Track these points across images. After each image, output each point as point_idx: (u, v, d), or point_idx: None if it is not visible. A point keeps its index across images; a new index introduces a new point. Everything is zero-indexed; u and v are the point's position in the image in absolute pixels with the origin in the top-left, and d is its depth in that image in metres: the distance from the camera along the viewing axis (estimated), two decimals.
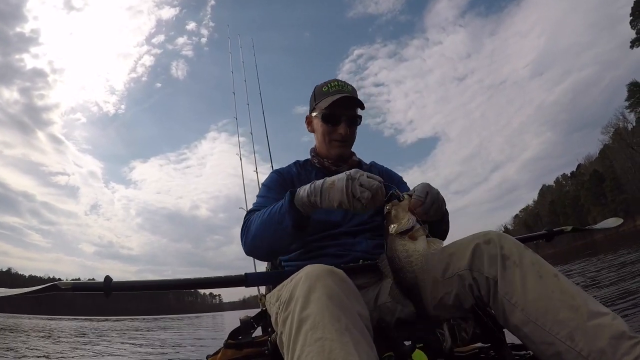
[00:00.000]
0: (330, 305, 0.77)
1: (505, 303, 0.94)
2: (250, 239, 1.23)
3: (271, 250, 1.25)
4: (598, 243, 30.01)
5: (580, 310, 0.84)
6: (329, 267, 0.88)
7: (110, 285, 1.10)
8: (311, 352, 0.71)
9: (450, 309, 1.07)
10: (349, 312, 0.79)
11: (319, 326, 0.74)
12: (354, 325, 0.77)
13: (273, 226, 1.13)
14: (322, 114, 1.42)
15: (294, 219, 1.08)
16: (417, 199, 1.02)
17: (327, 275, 0.84)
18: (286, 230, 1.10)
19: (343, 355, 0.69)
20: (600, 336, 0.80)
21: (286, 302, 0.85)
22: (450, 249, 1.10)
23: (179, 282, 1.25)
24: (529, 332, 0.90)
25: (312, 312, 0.77)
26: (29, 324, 20.86)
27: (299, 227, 1.10)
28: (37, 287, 1.03)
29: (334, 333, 0.72)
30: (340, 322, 0.74)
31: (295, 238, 1.16)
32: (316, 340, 0.72)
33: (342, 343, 0.70)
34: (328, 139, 1.44)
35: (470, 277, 1.02)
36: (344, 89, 1.42)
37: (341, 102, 1.38)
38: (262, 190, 1.45)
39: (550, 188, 75.38)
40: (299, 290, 0.82)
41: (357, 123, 1.46)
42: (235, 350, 1.33)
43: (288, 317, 0.82)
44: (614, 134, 51.47)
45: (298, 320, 0.77)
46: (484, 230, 1.07)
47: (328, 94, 1.42)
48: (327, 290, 0.80)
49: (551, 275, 0.92)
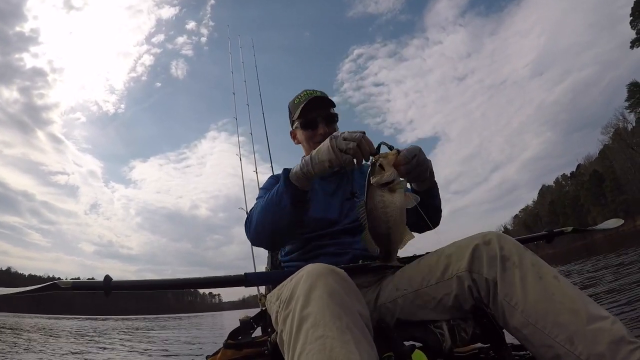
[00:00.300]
0: (331, 303, 0.77)
1: (504, 305, 0.94)
2: (253, 227, 1.26)
3: (274, 232, 1.23)
4: (597, 244, 29.97)
5: (580, 313, 0.84)
6: (330, 266, 0.89)
7: (110, 284, 1.10)
8: (312, 350, 0.71)
9: (450, 309, 1.07)
10: (349, 311, 0.79)
11: (320, 324, 0.74)
12: (355, 324, 0.77)
13: (273, 208, 1.17)
14: (300, 122, 1.49)
15: (292, 196, 1.12)
16: (404, 157, 1.06)
17: (328, 274, 0.84)
18: (285, 209, 1.14)
19: (344, 353, 0.69)
20: (599, 340, 0.80)
21: (287, 300, 0.85)
22: (449, 250, 1.10)
23: (178, 281, 1.24)
24: (528, 335, 0.90)
25: (313, 311, 0.77)
26: (30, 323, 20.86)
27: (298, 204, 1.13)
28: (37, 286, 1.02)
29: (335, 331, 0.72)
30: (341, 321, 0.75)
31: (294, 216, 1.17)
32: (317, 339, 0.72)
33: (343, 341, 0.71)
34: (312, 143, 1.48)
35: (470, 278, 1.01)
36: (313, 94, 1.49)
37: (313, 106, 1.45)
38: (260, 192, 1.50)
39: (550, 188, 75.38)
40: (300, 288, 0.83)
41: (334, 120, 1.51)
42: (235, 351, 1.33)
43: (289, 315, 0.82)
44: (614, 134, 51.45)
45: (299, 319, 0.78)
46: (484, 230, 1.07)
47: (300, 103, 1.48)
48: (328, 288, 0.80)
49: (551, 276, 0.92)
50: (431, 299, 1.08)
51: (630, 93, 41.24)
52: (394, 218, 0.99)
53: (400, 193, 1.01)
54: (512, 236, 1.07)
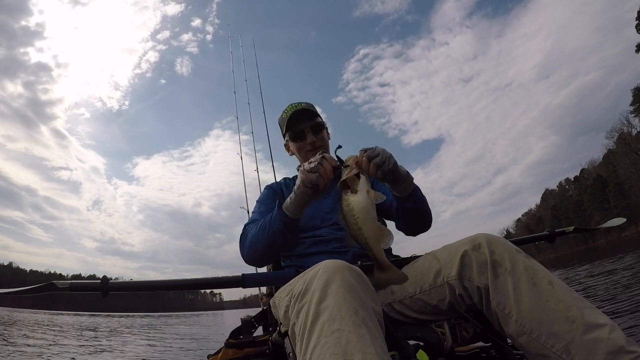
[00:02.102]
0: (349, 297, 0.78)
1: (498, 313, 0.92)
2: (247, 247, 1.34)
3: (266, 253, 1.32)
4: (600, 248, 29.85)
5: (576, 322, 0.82)
6: (346, 262, 0.89)
7: (107, 285, 1.11)
8: (327, 342, 0.71)
9: (446, 313, 1.07)
10: (365, 306, 0.79)
11: (337, 318, 0.74)
12: (370, 320, 0.77)
13: (266, 232, 1.27)
14: (290, 135, 1.58)
15: (284, 223, 1.22)
16: (361, 151, 1.08)
17: (345, 269, 0.84)
18: (276, 233, 1.25)
19: (360, 347, 0.69)
20: (596, 351, 0.78)
21: (301, 294, 0.85)
22: (440, 255, 1.09)
23: (175, 282, 1.25)
24: (524, 343, 0.89)
25: (330, 304, 0.77)
26: (30, 319, 20.96)
27: (288, 230, 1.24)
28: (34, 286, 1.03)
29: (351, 325, 0.73)
30: (357, 315, 0.75)
31: (285, 240, 1.28)
32: (333, 332, 0.72)
33: (359, 335, 0.71)
34: (303, 153, 1.57)
35: (461, 286, 1.00)
36: (297, 107, 1.57)
37: (298, 118, 1.55)
38: (256, 206, 1.59)
39: (553, 192, 75.15)
40: (317, 282, 0.83)
41: (321, 129, 1.59)
42: (236, 350, 1.34)
43: (303, 308, 0.82)
44: (618, 138, 51.22)
45: (315, 312, 0.78)
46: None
47: (286, 118, 1.56)
48: (345, 283, 0.81)
49: (545, 282, 0.89)
50: (426, 304, 1.08)
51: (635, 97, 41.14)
52: (361, 219, 0.99)
53: (362, 191, 1.01)
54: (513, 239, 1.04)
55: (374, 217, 1.00)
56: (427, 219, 1.38)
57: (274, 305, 1.14)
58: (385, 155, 1.09)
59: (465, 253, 1.00)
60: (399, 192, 1.24)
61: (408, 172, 1.21)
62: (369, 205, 0.99)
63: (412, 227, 1.42)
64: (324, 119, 1.62)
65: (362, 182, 1.02)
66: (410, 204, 1.29)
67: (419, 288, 1.09)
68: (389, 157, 1.10)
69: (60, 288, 1.04)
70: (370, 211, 0.99)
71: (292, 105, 1.60)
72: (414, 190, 1.26)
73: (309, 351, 0.74)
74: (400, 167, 1.17)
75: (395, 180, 1.18)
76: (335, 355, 0.69)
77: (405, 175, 1.20)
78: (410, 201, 1.28)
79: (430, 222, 1.41)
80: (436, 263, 1.08)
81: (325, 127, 1.61)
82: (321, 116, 1.61)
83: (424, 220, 1.38)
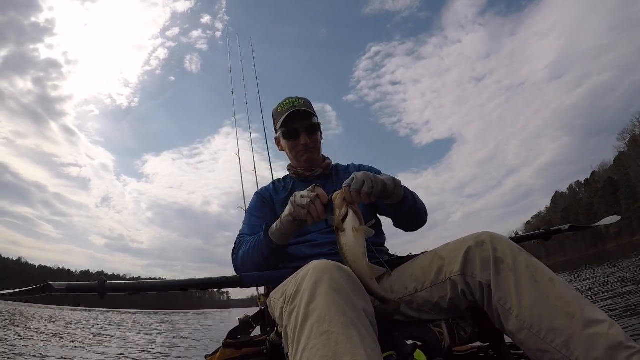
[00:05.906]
0: (337, 298, 0.77)
1: (499, 308, 0.93)
2: (239, 264, 1.36)
3: (258, 269, 1.32)
4: (609, 252, 29.46)
5: (575, 317, 0.82)
6: (335, 262, 0.89)
7: (104, 286, 1.10)
8: (317, 344, 0.71)
9: (447, 311, 1.06)
10: (355, 307, 0.79)
11: (326, 319, 0.74)
12: (360, 320, 0.77)
13: (255, 254, 1.30)
14: (283, 132, 1.54)
15: (270, 249, 1.25)
16: (345, 187, 1.06)
17: (333, 270, 0.84)
18: (264, 255, 1.28)
19: (349, 348, 0.69)
20: (596, 346, 0.78)
21: (292, 295, 0.85)
22: (442, 252, 1.09)
23: (174, 283, 1.25)
24: (523, 339, 0.89)
25: (318, 306, 0.77)
26: (41, 314, 21.25)
27: (275, 254, 1.28)
28: (31, 288, 1.03)
29: (340, 327, 0.72)
30: (346, 316, 0.75)
31: (276, 259, 1.31)
32: (322, 334, 0.72)
33: (348, 337, 0.71)
34: (294, 152, 1.55)
35: (463, 282, 1.00)
36: (295, 104, 1.52)
37: (294, 117, 1.49)
38: (245, 217, 1.57)
39: (564, 195, 74.31)
40: (306, 283, 0.83)
41: (316, 130, 1.55)
42: (234, 350, 1.34)
43: (294, 310, 0.82)
44: (630, 140, 50.47)
45: (304, 314, 0.77)
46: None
47: (282, 113, 1.51)
48: (333, 284, 0.80)
49: (546, 279, 0.90)
50: (427, 302, 1.07)
51: None
52: (349, 258, 0.99)
53: (348, 232, 1.01)
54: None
55: (362, 255, 1.00)
56: (423, 216, 1.39)
57: (270, 306, 1.14)
58: (369, 179, 1.07)
59: (469, 249, 1.00)
60: (392, 200, 1.23)
61: (394, 178, 1.20)
62: (355, 245, 1.00)
63: (410, 226, 1.43)
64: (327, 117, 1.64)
65: (348, 221, 1.02)
66: (405, 208, 1.29)
67: (420, 285, 1.09)
68: (373, 180, 1.09)
69: (57, 289, 1.04)
70: (357, 250, 0.99)
71: (289, 100, 1.56)
72: (405, 193, 1.25)
73: (299, 353, 0.74)
74: (386, 178, 1.16)
75: (387, 196, 1.17)
76: (325, 357, 0.68)
77: (394, 186, 1.18)
78: (405, 206, 1.28)
79: (426, 216, 1.41)
80: (438, 260, 1.07)
81: (320, 127, 1.58)
82: (317, 115, 1.57)
83: (420, 218, 1.39)
